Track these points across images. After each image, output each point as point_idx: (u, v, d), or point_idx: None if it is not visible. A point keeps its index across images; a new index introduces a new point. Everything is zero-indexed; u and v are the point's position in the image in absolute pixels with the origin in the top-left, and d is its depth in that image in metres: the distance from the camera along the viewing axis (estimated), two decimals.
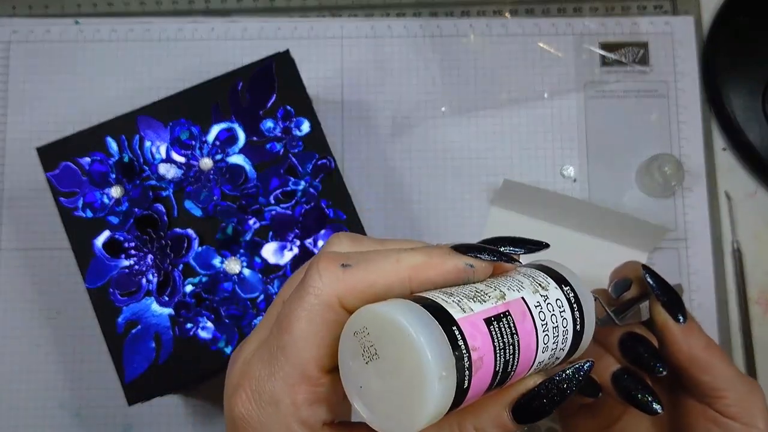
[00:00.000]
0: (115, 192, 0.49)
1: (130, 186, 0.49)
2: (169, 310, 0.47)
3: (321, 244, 0.48)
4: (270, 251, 0.48)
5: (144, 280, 0.48)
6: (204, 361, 0.47)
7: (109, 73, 0.60)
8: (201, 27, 0.60)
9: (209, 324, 0.47)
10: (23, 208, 0.58)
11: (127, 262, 0.48)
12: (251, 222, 0.49)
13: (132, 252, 0.48)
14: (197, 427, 0.55)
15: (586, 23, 0.61)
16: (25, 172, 0.58)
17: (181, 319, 0.47)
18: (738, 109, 0.59)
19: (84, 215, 0.48)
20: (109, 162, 0.49)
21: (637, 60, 0.60)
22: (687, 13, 0.62)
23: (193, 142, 0.50)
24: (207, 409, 0.55)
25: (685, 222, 0.58)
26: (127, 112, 0.50)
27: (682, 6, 0.62)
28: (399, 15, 0.62)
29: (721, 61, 0.60)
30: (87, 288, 0.47)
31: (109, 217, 0.48)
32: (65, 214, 0.49)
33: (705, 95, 0.60)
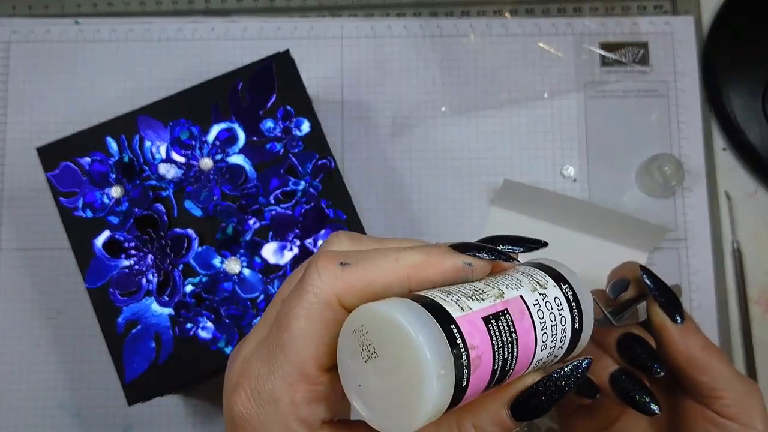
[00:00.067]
0: (115, 192, 0.49)
1: (130, 186, 0.49)
2: (169, 310, 0.47)
3: (321, 244, 0.48)
4: (270, 251, 0.48)
5: (144, 280, 0.48)
6: (204, 361, 0.47)
7: (109, 73, 0.60)
8: (201, 27, 0.60)
9: (209, 324, 0.47)
10: (23, 208, 0.58)
11: (127, 262, 0.48)
12: (251, 222, 0.49)
13: (132, 252, 0.48)
14: (197, 427, 0.55)
15: (586, 23, 0.61)
16: (25, 172, 0.58)
17: (181, 319, 0.47)
18: (738, 109, 0.59)
19: (84, 215, 0.49)
20: (109, 162, 0.49)
21: (637, 60, 0.60)
22: (687, 13, 0.62)
23: (193, 142, 0.50)
24: (207, 409, 0.55)
25: (685, 222, 0.58)
26: (127, 112, 0.50)
27: (682, 6, 0.62)
28: (399, 15, 0.62)
29: (721, 61, 0.60)
30: (87, 288, 0.48)
31: (109, 217, 0.48)
32: (65, 214, 0.49)
33: (705, 95, 0.60)
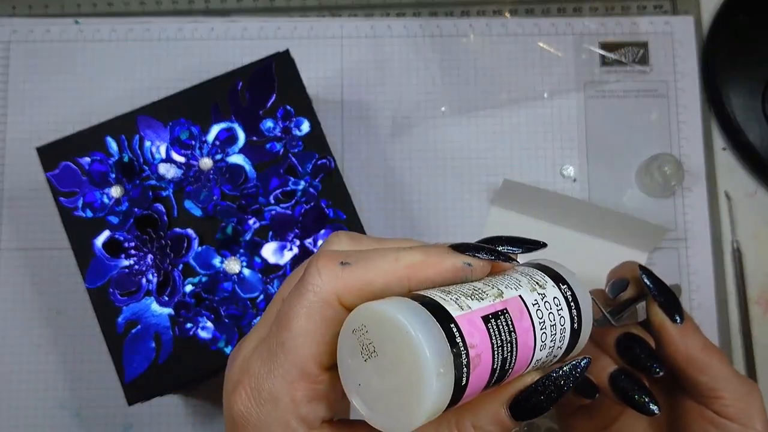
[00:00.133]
0: (115, 192, 0.49)
1: (130, 186, 0.49)
2: (169, 310, 0.47)
3: (321, 243, 0.48)
4: (270, 251, 0.48)
5: (144, 280, 0.48)
6: (204, 361, 0.47)
7: (109, 73, 0.60)
8: (201, 27, 0.60)
9: (209, 324, 0.47)
10: (23, 208, 0.58)
11: (127, 262, 0.48)
12: (251, 222, 0.49)
13: (132, 252, 0.48)
14: (197, 427, 0.55)
15: (586, 23, 0.61)
16: (25, 172, 0.58)
17: (181, 319, 0.47)
18: (738, 108, 0.59)
19: (84, 215, 0.49)
20: (109, 162, 0.49)
21: (637, 60, 0.60)
22: (687, 12, 0.62)
23: (192, 142, 0.50)
24: (207, 409, 0.55)
25: (685, 222, 0.58)
26: (127, 112, 0.50)
27: (681, 6, 0.62)
28: (399, 15, 0.62)
29: (721, 60, 0.60)
30: (87, 288, 0.48)
31: (109, 217, 0.48)
32: (65, 214, 0.49)
33: (705, 95, 0.60)
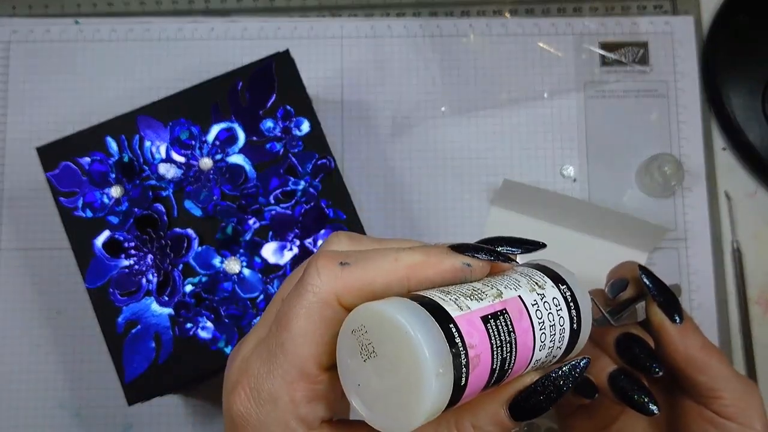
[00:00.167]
0: (115, 192, 0.49)
1: (130, 186, 0.49)
2: (169, 310, 0.47)
3: (321, 243, 0.48)
4: (270, 251, 0.48)
5: (144, 280, 0.48)
6: (204, 361, 0.47)
7: (109, 73, 0.60)
8: (201, 27, 0.60)
9: (209, 324, 0.47)
10: (23, 208, 0.58)
11: (127, 262, 0.48)
12: (251, 222, 0.49)
13: (132, 252, 0.48)
14: (197, 427, 0.55)
15: (586, 23, 0.61)
16: (25, 172, 0.58)
17: (180, 319, 0.47)
18: (738, 108, 0.59)
19: (84, 215, 0.49)
20: (109, 162, 0.49)
21: (637, 60, 0.60)
22: (687, 12, 0.62)
23: (192, 142, 0.50)
24: (207, 409, 0.55)
25: (685, 222, 0.58)
26: (127, 112, 0.50)
27: (681, 6, 0.62)
28: (399, 15, 0.62)
29: (721, 60, 0.59)
30: (87, 288, 0.48)
31: (109, 217, 0.48)
32: (65, 214, 0.49)
33: (705, 95, 0.60)
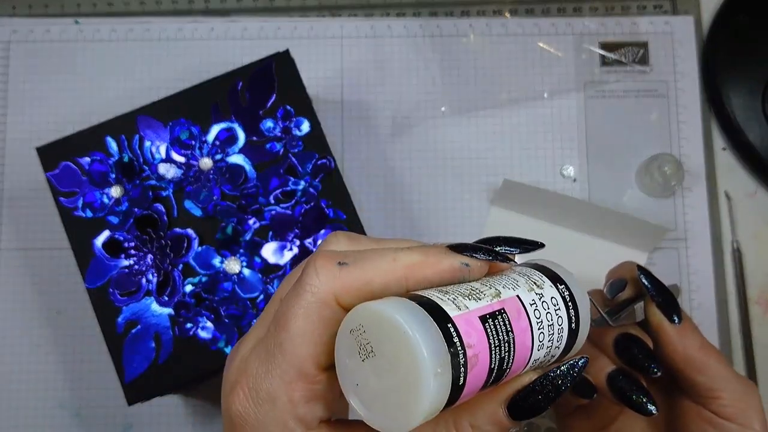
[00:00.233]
0: (115, 192, 0.49)
1: (130, 186, 0.49)
2: (169, 310, 0.47)
3: (320, 243, 0.48)
4: (270, 251, 0.48)
5: (144, 280, 0.48)
6: (204, 361, 0.47)
7: (109, 73, 0.60)
8: (201, 27, 0.60)
9: (209, 324, 0.47)
10: (23, 208, 0.58)
11: (126, 262, 0.48)
12: (251, 222, 0.49)
13: (132, 252, 0.48)
14: (197, 427, 0.55)
15: (586, 23, 0.61)
16: (25, 172, 0.58)
17: (180, 319, 0.47)
18: (738, 108, 0.58)
19: (84, 215, 0.49)
20: (109, 162, 0.49)
21: (636, 60, 0.60)
22: (687, 12, 0.62)
23: (192, 142, 0.50)
24: (207, 409, 0.55)
25: (685, 222, 0.58)
26: (127, 112, 0.50)
27: (681, 6, 0.62)
28: (399, 15, 0.62)
29: (721, 60, 0.59)
30: (87, 288, 0.48)
31: (109, 217, 0.49)
32: (65, 214, 0.49)
33: (705, 95, 0.60)
